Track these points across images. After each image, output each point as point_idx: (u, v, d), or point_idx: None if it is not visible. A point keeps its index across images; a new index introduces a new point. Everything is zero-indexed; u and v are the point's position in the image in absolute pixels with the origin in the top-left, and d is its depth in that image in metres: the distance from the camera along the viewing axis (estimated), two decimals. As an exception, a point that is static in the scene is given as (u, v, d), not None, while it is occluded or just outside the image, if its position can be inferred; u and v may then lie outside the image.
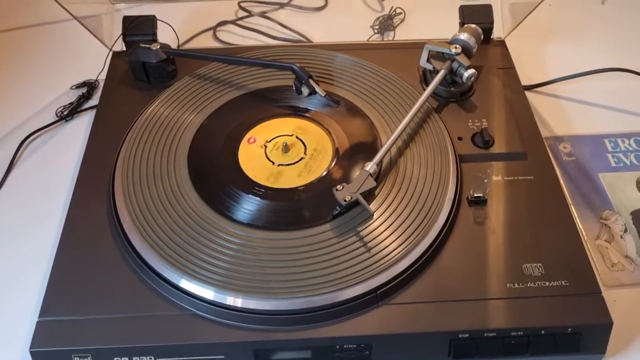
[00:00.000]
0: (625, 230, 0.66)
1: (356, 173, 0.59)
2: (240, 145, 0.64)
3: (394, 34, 0.86)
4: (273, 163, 0.62)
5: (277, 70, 0.70)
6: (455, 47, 0.68)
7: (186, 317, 0.53)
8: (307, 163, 0.62)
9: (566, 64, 0.83)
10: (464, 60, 0.67)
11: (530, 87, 0.81)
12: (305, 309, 0.52)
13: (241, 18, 0.90)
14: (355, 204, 0.56)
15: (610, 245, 0.65)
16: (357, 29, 0.89)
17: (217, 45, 0.87)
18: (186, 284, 0.53)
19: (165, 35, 0.79)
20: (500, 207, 0.60)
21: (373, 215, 0.56)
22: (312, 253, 0.55)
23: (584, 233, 0.66)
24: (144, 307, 0.53)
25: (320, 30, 0.90)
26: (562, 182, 0.70)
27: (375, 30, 0.85)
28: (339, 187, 0.56)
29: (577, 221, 0.67)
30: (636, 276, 0.62)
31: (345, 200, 0.55)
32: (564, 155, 0.73)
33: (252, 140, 0.64)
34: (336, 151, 0.63)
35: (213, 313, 0.53)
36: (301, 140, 0.64)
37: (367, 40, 0.85)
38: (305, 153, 0.63)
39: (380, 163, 0.60)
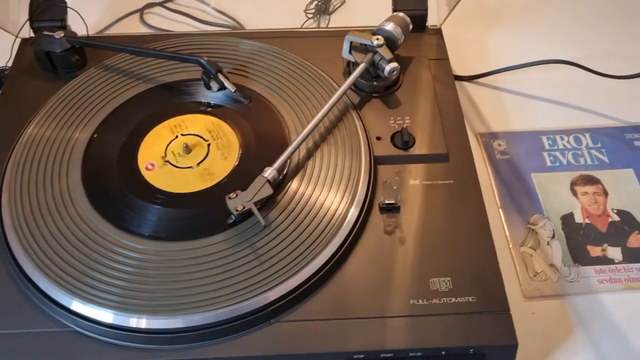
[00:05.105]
0: (553, 237, 0.62)
1: (260, 177, 0.55)
2: (140, 147, 0.59)
3: (329, 19, 0.81)
4: (173, 165, 0.58)
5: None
6: (377, 39, 0.63)
7: (65, 334, 0.50)
8: (208, 165, 0.58)
9: (511, 54, 0.77)
10: (386, 53, 0.62)
11: (470, 78, 0.76)
12: (187, 327, 0.49)
13: (170, 0, 0.85)
14: (250, 213, 0.52)
15: (535, 253, 0.61)
16: (297, 12, 0.84)
17: (143, 29, 0.82)
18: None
19: (89, 19, 0.73)
20: (414, 214, 0.56)
21: (265, 226, 0.52)
22: (198, 267, 0.51)
23: (509, 239, 0.62)
24: (29, 324, 0.50)
25: (256, 13, 0.84)
26: (492, 183, 0.67)
27: (309, 15, 0.80)
28: (232, 194, 0.52)
29: (504, 226, 0.63)
30: (559, 287, 0.59)
31: (237, 210, 0.51)
32: (497, 153, 0.69)
33: (149, 166, 0.58)
34: (242, 153, 0.59)
35: (92, 330, 0.49)
36: (205, 140, 0.59)
37: (301, 27, 0.80)
38: (207, 154, 0.58)
39: (282, 168, 0.56)
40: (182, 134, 0.60)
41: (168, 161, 0.58)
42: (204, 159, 0.58)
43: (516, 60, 0.75)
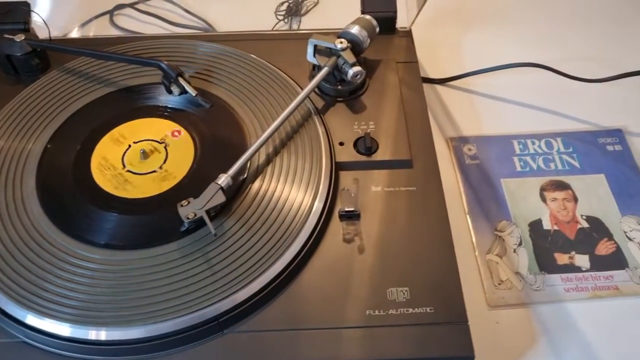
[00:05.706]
0: (520, 244, 0.61)
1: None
2: (95, 154, 0.58)
3: (300, 21, 0.80)
4: (130, 171, 0.56)
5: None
6: (341, 42, 0.62)
7: (13, 345, 0.48)
8: (165, 171, 0.56)
9: (484, 56, 0.76)
10: (349, 57, 0.61)
11: (442, 81, 0.75)
12: (138, 339, 0.47)
13: (140, 1, 0.84)
14: (203, 221, 0.51)
15: (501, 260, 0.60)
16: (269, 14, 0.83)
17: (113, 31, 0.81)
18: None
19: (59, 20, 0.72)
20: (375, 222, 0.55)
21: (216, 235, 0.51)
22: (151, 276, 0.50)
23: (475, 246, 0.61)
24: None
25: (228, 15, 0.83)
26: (461, 188, 0.66)
27: (279, 17, 0.79)
28: (184, 202, 0.51)
29: (471, 233, 0.62)
30: (524, 295, 0.58)
31: (188, 218, 0.50)
32: (467, 158, 0.68)
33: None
34: (200, 158, 0.57)
35: (41, 341, 0.48)
36: (163, 145, 0.58)
37: (271, 29, 0.79)
38: (165, 160, 0.57)
39: (237, 175, 0.54)
40: (139, 140, 0.59)
41: (126, 167, 0.57)
42: (162, 164, 0.57)
43: (489, 62, 0.74)
